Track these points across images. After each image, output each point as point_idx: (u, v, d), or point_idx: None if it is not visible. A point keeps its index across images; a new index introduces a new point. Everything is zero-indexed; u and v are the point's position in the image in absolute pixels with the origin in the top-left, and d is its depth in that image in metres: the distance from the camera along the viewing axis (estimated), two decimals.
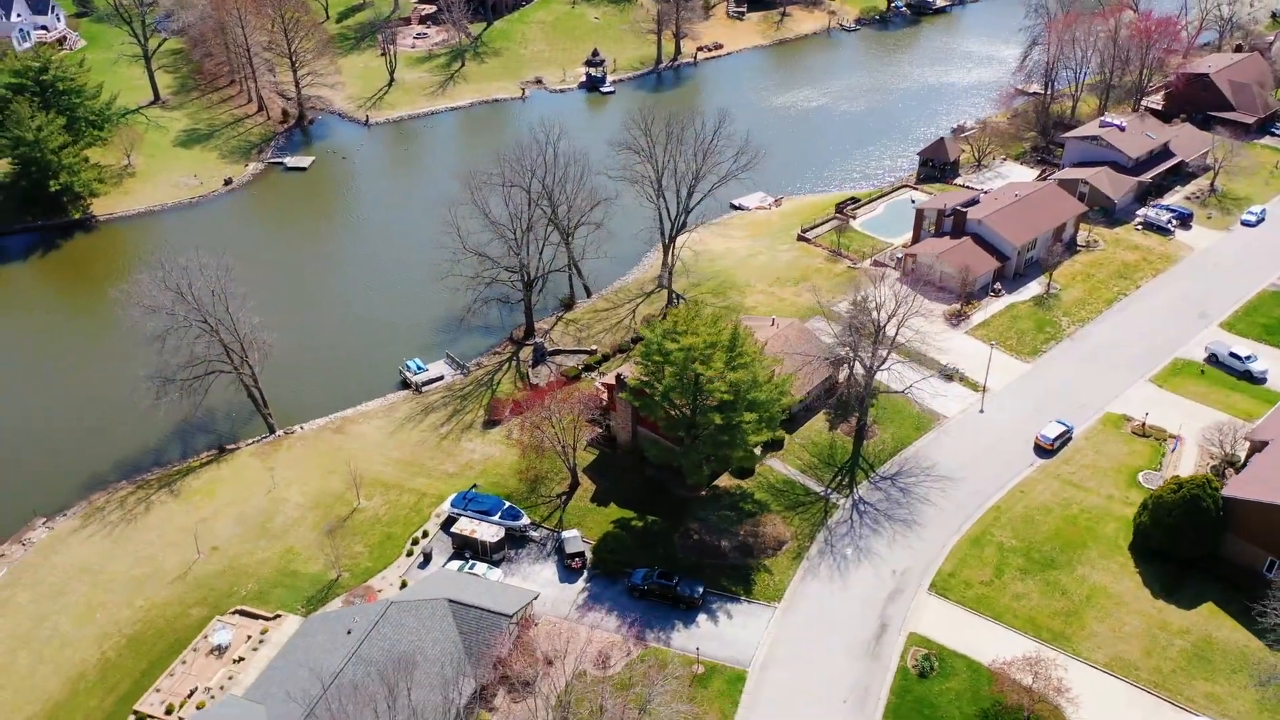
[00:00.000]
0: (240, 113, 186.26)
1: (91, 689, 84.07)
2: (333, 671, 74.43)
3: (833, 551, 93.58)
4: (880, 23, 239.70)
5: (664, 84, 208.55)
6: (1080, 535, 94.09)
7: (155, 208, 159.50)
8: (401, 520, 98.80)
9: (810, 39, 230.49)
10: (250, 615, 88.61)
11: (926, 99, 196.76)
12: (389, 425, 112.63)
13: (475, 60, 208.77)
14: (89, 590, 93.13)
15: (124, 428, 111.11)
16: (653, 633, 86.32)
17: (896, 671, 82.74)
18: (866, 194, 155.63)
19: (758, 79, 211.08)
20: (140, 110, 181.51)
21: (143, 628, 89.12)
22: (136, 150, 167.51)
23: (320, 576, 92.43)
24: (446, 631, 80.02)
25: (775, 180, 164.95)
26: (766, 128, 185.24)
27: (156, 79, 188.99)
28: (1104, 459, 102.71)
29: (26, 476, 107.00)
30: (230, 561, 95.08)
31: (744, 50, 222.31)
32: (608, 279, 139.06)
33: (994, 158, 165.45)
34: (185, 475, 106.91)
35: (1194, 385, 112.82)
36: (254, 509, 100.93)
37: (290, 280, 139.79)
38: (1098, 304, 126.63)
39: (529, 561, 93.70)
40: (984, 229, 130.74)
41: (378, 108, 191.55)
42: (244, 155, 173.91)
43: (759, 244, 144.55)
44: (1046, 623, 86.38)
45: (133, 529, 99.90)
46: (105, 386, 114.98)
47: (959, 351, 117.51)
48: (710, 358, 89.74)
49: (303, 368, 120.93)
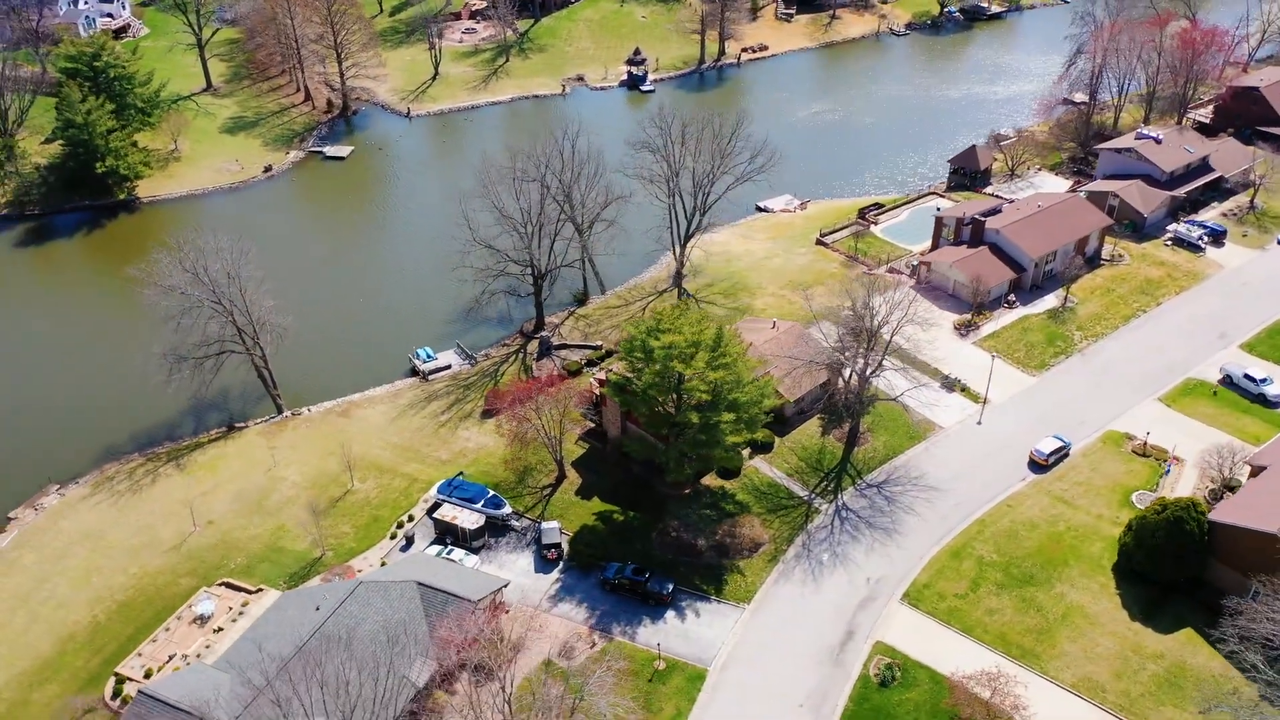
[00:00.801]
0: (287, 102, 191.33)
1: (80, 649, 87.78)
2: (297, 645, 76.78)
3: (809, 556, 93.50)
4: (932, 28, 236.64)
5: (705, 84, 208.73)
6: (1064, 553, 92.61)
7: (197, 191, 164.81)
8: (390, 504, 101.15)
9: (858, 43, 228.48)
10: (234, 588, 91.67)
11: (971, 106, 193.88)
12: (392, 411, 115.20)
13: (520, 56, 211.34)
14: (89, 555, 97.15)
15: (141, 402, 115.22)
16: (619, 627, 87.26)
17: (858, 679, 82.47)
18: (891, 200, 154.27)
19: (799, 81, 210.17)
20: (192, 97, 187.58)
21: (134, 594, 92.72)
22: (183, 135, 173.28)
23: (306, 554, 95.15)
24: (412, 613, 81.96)
25: (808, 183, 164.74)
26: (802, 130, 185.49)
27: (211, 67, 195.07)
28: (1099, 477, 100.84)
29: (46, 444, 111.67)
30: (223, 535, 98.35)
31: (789, 52, 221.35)
32: (623, 276, 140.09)
33: (1028, 167, 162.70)
34: (193, 450, 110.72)
35: (1204, 406, 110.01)
36: (252, 486, 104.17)
37: (315, 266, 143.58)
38: (1114, 320, 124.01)
39: (507, 550, 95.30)
40: (1002, 239, 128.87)
41: (420, 100, 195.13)
42: (286, 143, 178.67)
43: (777, 246, 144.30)
44: (1017, 639, 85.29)
45: (137, 499, 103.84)
46: (128, 362, 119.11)
47: (965, 362, 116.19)
48: (692, 356, 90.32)
49: (317, 351, 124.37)
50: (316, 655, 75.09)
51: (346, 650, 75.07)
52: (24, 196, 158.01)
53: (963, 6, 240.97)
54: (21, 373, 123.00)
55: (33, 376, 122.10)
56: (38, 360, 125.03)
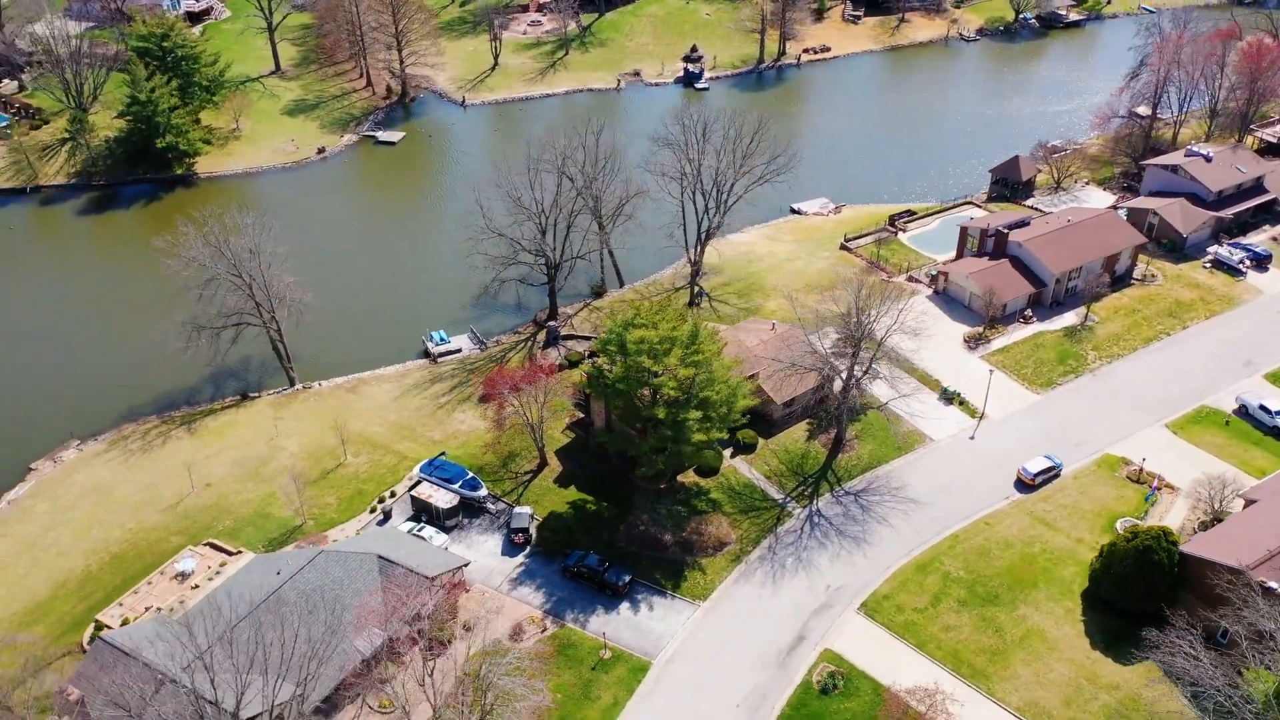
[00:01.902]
0: (349, 87, 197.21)
1: (70, 595, 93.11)
2: (250, 606, 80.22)
3: (773, 559, 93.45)
4: (1005, 34, 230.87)
5: (761, 84, 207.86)
6: (1034, 575, 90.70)
7: (252, 169, 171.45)
8: (377, 479, 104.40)
9: (926, 47, 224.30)
10: (217, 548, 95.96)
11: (1031, 116, 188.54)
12: (397, 390, 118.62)
13: (580, 49, 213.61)
14: (93, 509, 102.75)
15: (165, 368, 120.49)
16: (572, 614, 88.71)
17: (800, 685, 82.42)
18: (925, 208, 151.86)
19: (859, 84, 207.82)
20: (260, 79, 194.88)
21: (127, 548, 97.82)
22: (245, 115, 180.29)
23: (288, 521, 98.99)
24: (369, 583, 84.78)
25: (850, 187, 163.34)
26: (855, 132, 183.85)
27: (282, 51, 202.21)
28: (1087, 501, 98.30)
29: (74, 401, 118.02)
30: (218, 498, 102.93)
31: (852, 55, 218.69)
32: (644, 271, 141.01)
33: (1075, 180, 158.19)
34: (206, 416, 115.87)
35: (1213, 436, 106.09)
36: (253, 453, 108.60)
37: (347, 246, 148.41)
38: (1134, 341, 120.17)
39: (479, 531, 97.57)
40: (1024, 252, 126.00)
41: (476, 90, 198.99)
42: (343, 127, 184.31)
43: (801, 249, 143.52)
44: (969, 658, 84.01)
45: (146, 459, 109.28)
46: (158, 329, 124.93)
47: (969, 375, 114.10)
48: (665, 353, 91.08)
49: (337, 328, 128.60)
50: (268, 617, 78.66)
51: (298, 615, 78.31)
52: (91, 167, 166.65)
53: (1039, 13, 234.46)
54: (61, 333, 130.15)
55: (71, 337, 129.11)
56: (78, 322, 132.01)
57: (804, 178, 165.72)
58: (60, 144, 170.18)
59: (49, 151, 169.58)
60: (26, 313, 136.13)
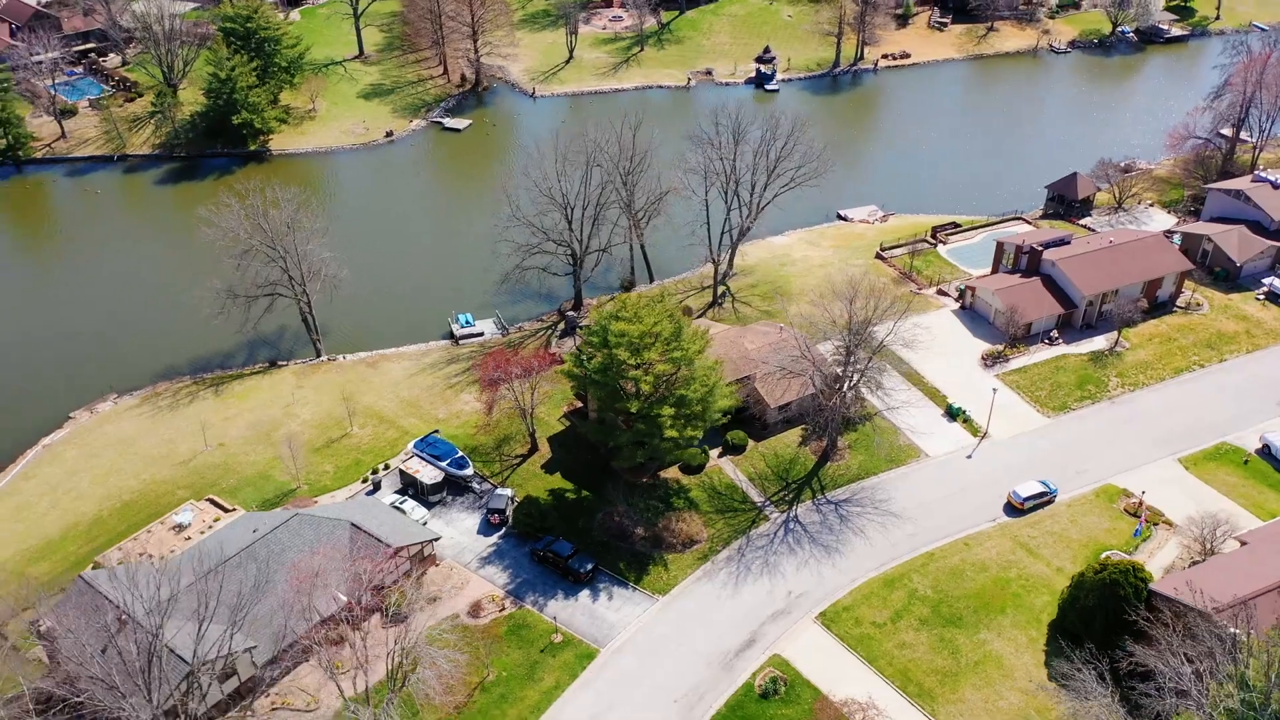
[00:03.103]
0: (426, 74, 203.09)
1: (78, 537, 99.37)
2: (221, 559, 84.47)
3: (740, 560, 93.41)
4: (1100, 47, 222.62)
5: (834, 88, 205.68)
6: (1003, 600, 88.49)
7: (322, 149, 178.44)
8: (376, 452, 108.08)
9: (1013, 57, 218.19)
10: (216, 504, 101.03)
11: (1111, 133, 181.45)
12: (414, 368, 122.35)
13: (655, 46, 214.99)
14: (115, 458, 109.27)
15: (207, 332, 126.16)
16: (533, 596, 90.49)
17: (741, 687, 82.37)
18: (970, 221, 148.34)
19: (935, 92, 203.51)
20: (342, 62, 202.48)
21: (137, 497, 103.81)
22: (321, 96, 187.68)
23: (284, 485, 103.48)
24: (338, 548, 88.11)
25: (906, 196, 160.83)
26: (922, 141, 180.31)
27: (369, 36, 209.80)
28: (1076, 530, 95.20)
29: (119, 357, 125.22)
30: (227, 458, 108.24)
31: (932, 62, 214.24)
32: (678, 268, 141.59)
33: (1138, 201, 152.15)
34: (234, 380, 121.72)
35: (1228, 475, 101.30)
36: (267, 418, 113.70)
37: (393, 226, 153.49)
38: (1162, 371, 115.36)
39: (460, 509, 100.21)
40: (1056, 271, 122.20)
41: (547, 82, 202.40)
42: (413, 112, 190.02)
43: (836, 256, 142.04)
44: (919, 677, 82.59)
45: (172, 415, 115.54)
46: (203, 294, 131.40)
47: (979, 393, 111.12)
48: (645, 347, 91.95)
49: (370, 304, 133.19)
50: (235, 572, 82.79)
51: (262, 572, 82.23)
52: (174, 140, 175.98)
53: (1139, 27, 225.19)
54: (118, 292, 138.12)
55: (128, 296, 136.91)
56: (137, 282, 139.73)
57: (859, 184, 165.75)
58: (149, 117, 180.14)
59: (138, 123, 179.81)
60: (93, 270, 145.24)
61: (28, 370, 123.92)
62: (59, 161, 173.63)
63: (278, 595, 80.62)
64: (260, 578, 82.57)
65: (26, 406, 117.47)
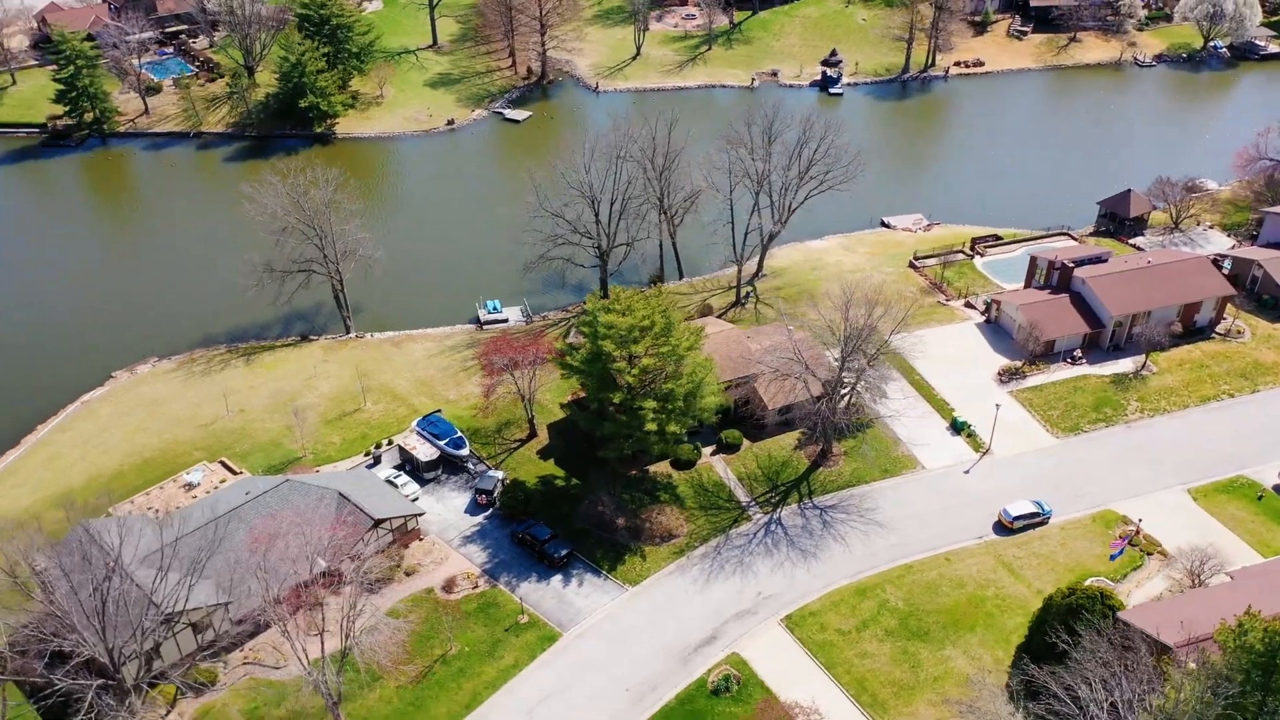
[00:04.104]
0: (495, 65, 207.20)
1: (97, 489, 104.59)
2: (211, 518, 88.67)
3: (715, 558, 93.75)
4: (1188, 62, 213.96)
5: (901, 94, 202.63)
6: (975, 619, 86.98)
7: (384, 134, 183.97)
8: (383, 427, 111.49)
9: (1094, 69, 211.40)
10: (226, 467, 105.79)
11: (1189, 150, 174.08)
12: (435, 350, 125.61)
13: (723, 45, 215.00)
14: (144, 418, 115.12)
15: (247, 304, 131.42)
16: (506, 576, 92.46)
17: (694, 682, 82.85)
18: (1013, 234, 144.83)
19: (1006, 102, 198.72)
20: (415, 51, 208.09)
21: (157, 455, 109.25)
22: (389, 83, 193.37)
23: (291, 452, 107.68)
24: (324, 516, 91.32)
25: (957, 205, 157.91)
26: (984, 151, 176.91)
27: (445, 26, 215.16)
28: (1064, 554, 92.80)
29: (164, 322, 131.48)
30: (245, 424, 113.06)
31: (1007, 71, 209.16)
32: (710, 266, 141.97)
33: (1196, 222, 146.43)
34: (265, 351, 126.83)
35: (1238, 509, 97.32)
36: (288, 389, 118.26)
37: (437, 210, 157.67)
38: (1187, 398, 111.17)
39: (452, 488, 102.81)
40: (1086, 290, 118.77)
41: (612, 78, 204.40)
42: (477, 102, 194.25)
43: (870, 262, 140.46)
44: (875, 688, 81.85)
45: (203, 381, 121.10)
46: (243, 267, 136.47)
47: (989, 409, 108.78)
48: (634, 340, 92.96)
49: (403, 285, 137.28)
50: (221, 531, 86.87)
51: (251, 534, 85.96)
52: (246, 120, 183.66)
53: (1232, 42, 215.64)
54: (174, 261, 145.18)
55: (180, 265, 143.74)
56: (191, 253, 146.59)
57: (909, 191, 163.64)
58: (226, 97, 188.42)
59: (215, 103, 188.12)
60: (155, 239, 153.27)
61: (81, 330, 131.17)
62: (140, 136, 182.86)
63: (257, 556, 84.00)
64: (247, 538, 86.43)
65: (73, 363, 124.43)
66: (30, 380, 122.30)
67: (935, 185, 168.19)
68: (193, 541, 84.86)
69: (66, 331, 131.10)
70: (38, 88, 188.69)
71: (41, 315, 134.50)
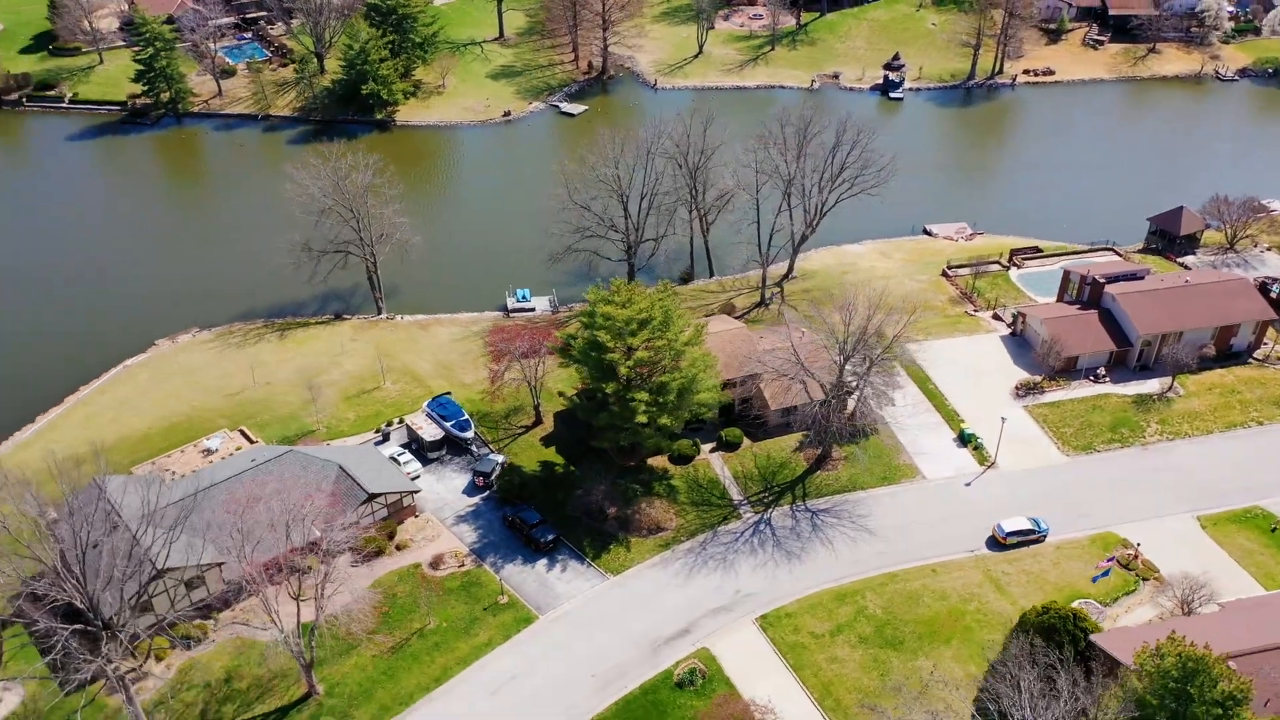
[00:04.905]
0: (557, 59, 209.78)
1: (126, 450, 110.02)
2: (212, 482, 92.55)
3: (700, 553, 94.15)
4: (1275, 78, 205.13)
5: (964, 101, 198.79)
6: (952, 632, 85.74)
7: (442, 123, 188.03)
8: (398, 406, 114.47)
9: (1171, 82, 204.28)
10: (245, 435, 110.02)
11: (1260, 169, 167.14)
12: (460, 334, 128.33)
13: (787, 46, 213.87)
14: (177, 385, 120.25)
15: (287, 281, 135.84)
16: (492, 557, 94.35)
17: (660, 673, 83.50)
18: (1055, 247, 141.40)
19: (1075, 112, 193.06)
20: (481, 43, 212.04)
21: (183, 420, 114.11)
22: (452, 73, 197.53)
23: (307, 426, 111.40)
24: (322, 487, 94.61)
25: (1006, 216, 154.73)
26: (1043, 161, 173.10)
27: (513, 19, 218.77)
28: (1056, 573, 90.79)
29: (208, 294, 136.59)
30: (268, 396, 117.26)
31: (1078, 81, 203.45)
32: (733, 267, 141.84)
33: (1253, 244, 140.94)
34: (300, 328, 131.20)
35: (1248, 540, 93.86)
36: (313, 364, 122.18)
37: (480, 199, 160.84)
38: (1212, 423, 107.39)
39: (454, 468, 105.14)
40: (1116, 307, 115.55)
41: (671, 75, 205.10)
42: (535, 95, 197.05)
43: (903, 269, 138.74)
44: (840, 693, 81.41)
45: (237, 352, 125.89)
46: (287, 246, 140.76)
47: (1000, 422, 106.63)
48: (630, 332, 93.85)
49: (439, 269, 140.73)
50: (222, 495, 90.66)
51: (234, 499, 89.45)
52: (312, 105, 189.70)
53: None
54: (223, 236, 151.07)
55: (228, 240, 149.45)
56: (245, 229, 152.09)
57: (957, 199, 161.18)
58: (294, 82, 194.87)
59: (284, 87, 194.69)
60: (211, 215, 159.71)
61: (133, 297, 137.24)
62: (212, 116, 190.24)
63: (236, 520, 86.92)
64: (245, 502, 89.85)
65: (122, 329, 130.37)
66: (81, 342, 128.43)
67: (985, 195, 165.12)
68: (190, 504, 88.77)
69: (120, 297, 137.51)
70: (122, 68, 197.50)
71: (100, 281, 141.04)
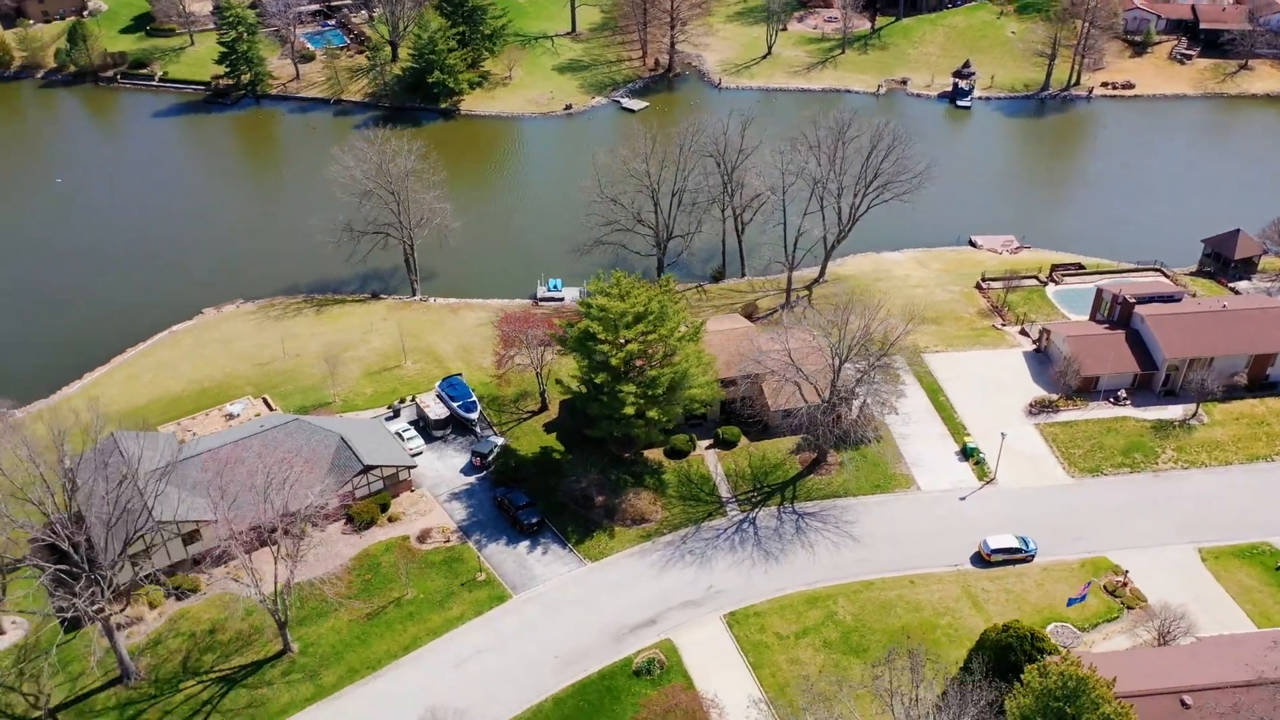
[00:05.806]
0: (625, 55, 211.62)
1: (158, 409, 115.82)
2: (221, 444, 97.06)
3: (680, 547, 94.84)
4: None
5: (1036, 112, 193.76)
6: (919, 643, 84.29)
7: (504, 114, 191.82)
8: (414, 384, 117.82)
9: (1261, 100, 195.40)
10: (266, 403, 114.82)
11: None
12: (486, 319, 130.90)
13: (857, 50, 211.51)
14: (213, 352, 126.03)
15: (330, 259, 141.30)
16: (477, 535, 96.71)
17: (621, 661, 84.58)
18: (1099, 264, 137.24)
19: (1149, 127, 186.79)
20: (552, 37, 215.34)
21: (214, 385, 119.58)
22: (519, 66, 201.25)
23: (324, 397, 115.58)
24: (322, 456, 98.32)
25: (1055, 230, 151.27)
26: (1109, 176, 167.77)
27: (585, 15, 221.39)
28: (1038, 594, 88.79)
29: (255, 267, 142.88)
30: (295, 367, 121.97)
31: (1159, 96, 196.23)
32: (774, 268, 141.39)
33: None
34: (336, 304, 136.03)
35: (1248, 576, 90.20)
36: (341, 340, 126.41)
37: (526, 188, 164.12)
38: (1233, 454, 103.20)
39: (456, 447, 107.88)
40: (1144, 328, 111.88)
41: (737, 75, 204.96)
42: (599, 89, 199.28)
43: (937, 280, 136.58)
44: (794, 695, 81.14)
45: (274, 324, 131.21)
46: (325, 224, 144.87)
47: (1009, 440, 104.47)
48: (625, 325, 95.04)
49: (477, 255, 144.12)
50: (228, 457, 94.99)
51: (246, 461, 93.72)
52: (381, 91, 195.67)
53: None
54: (282, 212, 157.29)
55: (285, 216, 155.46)
56: (299, 206, 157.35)
57: (1009, 211, 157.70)
58: (367, 69, 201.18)
59: (357, 73, 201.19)
60: (274, 192, 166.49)
61: (189, 266, 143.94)
62: (288, 99, 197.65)
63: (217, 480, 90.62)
64: (244, 466, 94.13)
65: (174, 296, 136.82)
66: (136, 307, 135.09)
67: (1040, 208, 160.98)
68: (196, 463, 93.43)
69: (177, 266, 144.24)
70: (210, 49, 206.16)
71: (160, 249, 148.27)
